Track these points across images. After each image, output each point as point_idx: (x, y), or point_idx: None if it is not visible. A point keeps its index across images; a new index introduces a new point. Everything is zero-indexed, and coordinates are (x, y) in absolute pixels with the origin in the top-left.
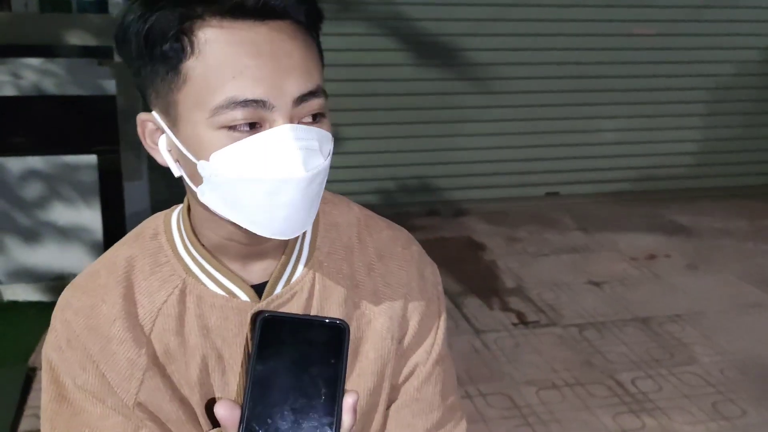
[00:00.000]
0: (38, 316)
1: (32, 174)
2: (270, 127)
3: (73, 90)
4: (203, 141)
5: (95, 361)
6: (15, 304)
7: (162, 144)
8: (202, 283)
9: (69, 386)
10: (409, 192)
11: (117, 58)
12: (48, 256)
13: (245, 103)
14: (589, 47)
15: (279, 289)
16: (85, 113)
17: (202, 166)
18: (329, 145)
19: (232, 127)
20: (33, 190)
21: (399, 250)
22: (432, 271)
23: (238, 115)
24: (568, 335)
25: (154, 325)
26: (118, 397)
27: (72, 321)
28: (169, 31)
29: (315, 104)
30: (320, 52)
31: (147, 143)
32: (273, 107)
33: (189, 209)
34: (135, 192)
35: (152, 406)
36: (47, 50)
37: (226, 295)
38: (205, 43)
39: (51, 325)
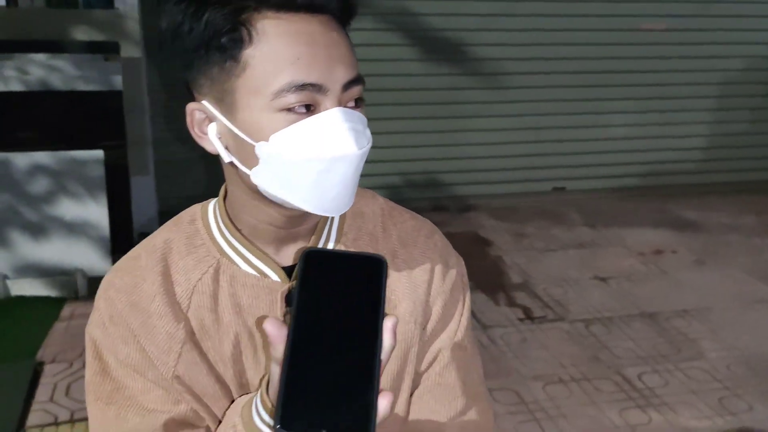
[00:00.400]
0: (45, 311)
1: (39, 169)
2: (323, 110)
3: (79, 85)
4: (262, 124)
5: (136, 336)
6: (22, 299)
7: (212, 132)
8: (235, 264)
9: (111, 363)
10: (415, 187)
11: (123, 54)
12: (55, 251)
13: (303, 86)
14: (596, 42)
15: None
16: (91, 108)
17: (260, 147)
18: (368, 130)
19: (289, 110)
20: (39, 186)
21: (422, 239)
22: (456, 261)
23: (297, 98)
24: (574, 330)
25: (190, 302)
26: (157, 371)
27: (115, 298)
28: (227, 23)
29: (357, 90)
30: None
31: (195, 132)
32: (327, 91)
33: (224, 199)
34: (142, 187)
35: (189, 379)
36: (53, 46)
37: (257, 275)
38: (264, 33)
39: (95, 305)
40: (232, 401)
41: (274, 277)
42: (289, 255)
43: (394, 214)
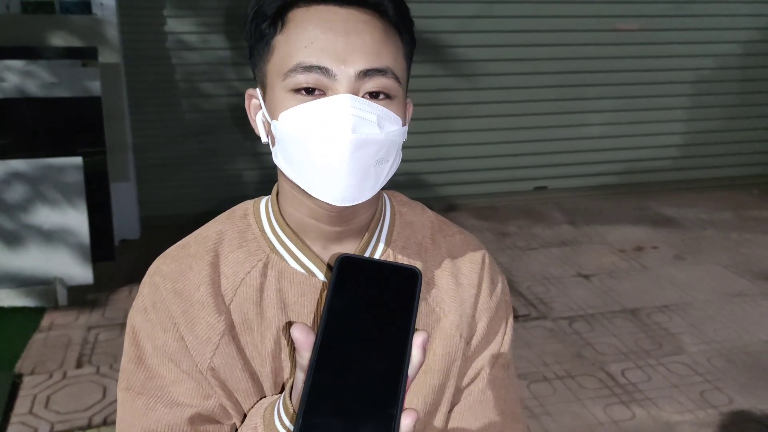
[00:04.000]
0: (24, 321)
1: (16, 177)
2: (333, 95)
3: (57, 92)
4: (277, 103)
5: (176, 324)
6: (0, 310)
7: (259, 117)
8: (284, 261)
9: (148, 350)
10: (398, 188)
11: (102, 59)
12: (33, 260)
13: (310, 68)
14: (574, 43)
15: None
16: (69, 115)
17: (274, 125)
18: (393, 127)
19: (298, 91)
20: (17, 194)
21: (471, 254)
22: (501, 280)
23: (303, 79)
24: (558, 328)
25: (235, 294)
26: (192, 362)
27: (160, 285)
28: (269, 13)
29: (381, 82)
30: (406, 51)
31: (250, 115)
32: (335, 76)
33: (277, 195)
34: (122, 193)
35: (224, 372)
36: (30, 52)
37: (305, 273)
38: (292, 22)
39: (139, 290)
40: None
41: (321, 276)
42: (335, 255)
43: (444, 227)
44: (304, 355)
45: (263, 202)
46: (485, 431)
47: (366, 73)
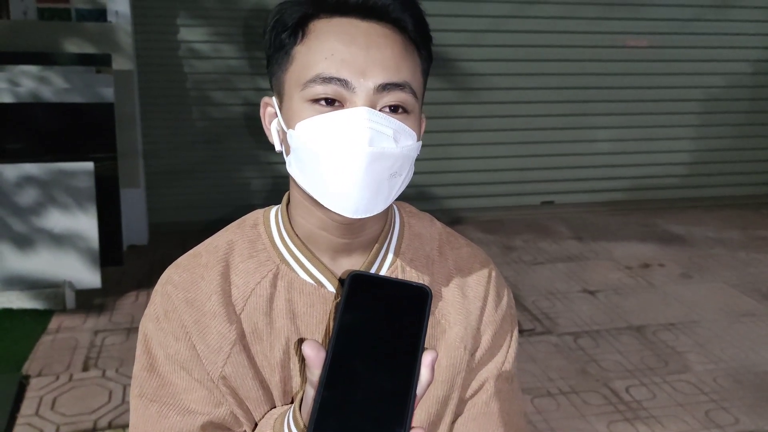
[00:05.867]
0: (32, 323)
1: (28, 181)
2: (350, 107)
3: (70, 97)
4: (294, 112)
5: (188, 333)
6: (9, 312)
7: (273, 125)
8: (294, 271)
9: (160, 358)
10: (405, 200)
11: (115, 66)
12: (43, 263)
13: (329, 79)
14: (583, 59)
15: None
16: (82, 120)
17: (290, 135)
18: (408, 141)
19: (316, 101)
20: (29, 197)
21: (477, 266)
22: (507, 293)
23: (323, 90)
24: (563, 344)
25: (246, 304)
26: (204, 370)
27: (172, 294)
28: (289, 23)
29: (398, 96)
30: (423, 67)
31: (264, 123)
32: (354, 88)
33: (287, 206)
34: (132, 199)
35: (235, 381)
36: (45, 58)
37: (314, 283)
38: (313, 32)
39: (151, 299)
40: (274, 407)
41: (330, 287)
42: (345, 267)
43: (451, 239)
44: (315, 372)
45: (273, 211)
46: None
47: (384, 87)
